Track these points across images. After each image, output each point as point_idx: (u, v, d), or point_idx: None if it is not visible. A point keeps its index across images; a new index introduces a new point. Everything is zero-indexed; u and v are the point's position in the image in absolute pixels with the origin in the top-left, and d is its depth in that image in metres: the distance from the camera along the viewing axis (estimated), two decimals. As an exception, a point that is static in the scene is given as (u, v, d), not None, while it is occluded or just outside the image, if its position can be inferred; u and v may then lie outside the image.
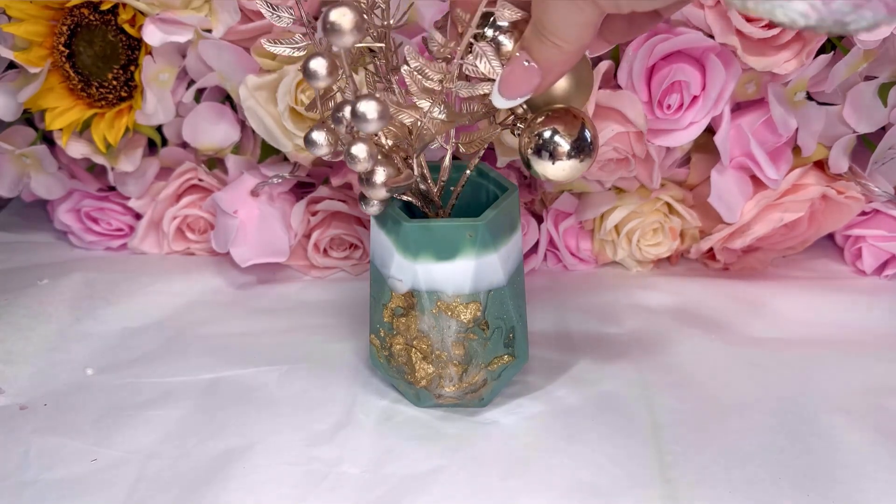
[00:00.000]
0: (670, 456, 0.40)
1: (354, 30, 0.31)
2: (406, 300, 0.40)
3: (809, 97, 0.50)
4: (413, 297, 0.40)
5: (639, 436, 0.41)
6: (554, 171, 0.37)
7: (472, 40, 0.35)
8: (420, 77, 0.36)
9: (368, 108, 0.33)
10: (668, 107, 0.48)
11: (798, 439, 0.41)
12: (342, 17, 0.31)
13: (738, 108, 0.51)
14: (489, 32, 0.35)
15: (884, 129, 0.51)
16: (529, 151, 0.37)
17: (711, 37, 0.47)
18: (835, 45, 0.49)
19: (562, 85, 0.38)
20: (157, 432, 0.42)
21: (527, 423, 0.42)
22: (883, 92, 0.50)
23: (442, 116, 0.36)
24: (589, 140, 0.37)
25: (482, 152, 0.40)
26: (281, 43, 0.36)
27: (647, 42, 0.47)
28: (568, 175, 0.37)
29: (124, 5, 0.49)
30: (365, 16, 0.36)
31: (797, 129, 0.50)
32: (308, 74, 0.33)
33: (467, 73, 0.36)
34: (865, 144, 0.53)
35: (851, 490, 0.38)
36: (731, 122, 0.50)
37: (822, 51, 0.48)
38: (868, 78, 0.50)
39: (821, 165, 0.53)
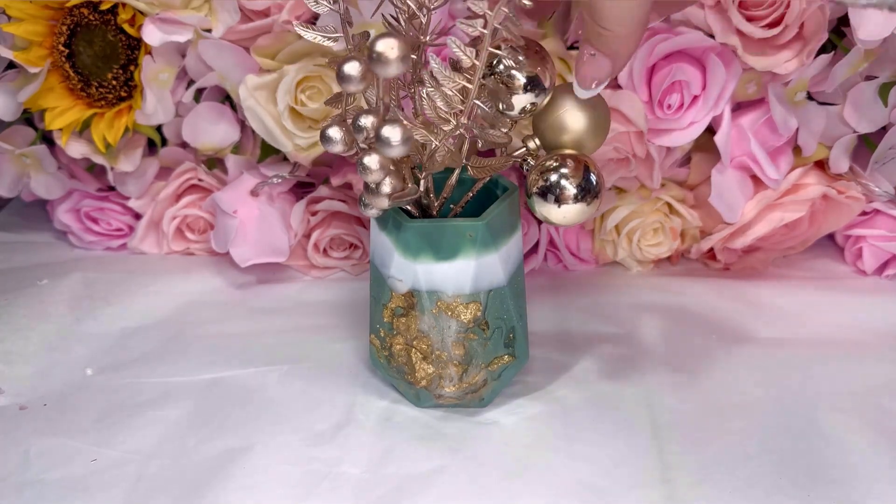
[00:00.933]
0: (671, 456, 0.40)
1: (400, 61, 0.31)
2: (406, 300, 0.40)
3: (810, 97, 0.50)
4: (413, 297, 0.40)
5: (639, 436, 0.41)
6: (558, 214, 0.38)
7: (483, 82, 0.35)
8: (434, 104, 0.36)
9: (393, 133, 0.33)
10: (669, 106, 0.48)
11: (799, 439, 0.41)
12: (390, 49, 0.31)
13: (739, 107, 0.51)
14: (502, 67, 0.36)
15: (884, 129, 0.51)
16: (535, 191, 0.38)
17: (712, 36, 0.47)
18: (835, 44, 0.49)
19: (579, 125, 0.38)
20: (157, 432, 0.42)
21: (527, 423, 0.42)
22: (883, 92, 0.50)
23: (453, 149, 0.37)
24: (595, 183, 0.37)
25: (488, 178, 0.40)
26: (313, 29, 0.36)
27: (648, 42, 0.47)
28: (572, 218, 0.38)
29: (124, 5, 0.49)
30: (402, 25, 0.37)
31: (798, 129, 0.50)
32: (341, 77, 0.33)
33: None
34: (866, 144, 0.53)
35: (852, 490, 0.38)
36: (732, 121, 0.50)
37: (822, 50, 0.48)
38: (869, 78, 0.50)
39: (821, 165, 0.53)
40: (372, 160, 0.35)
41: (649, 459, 0.40)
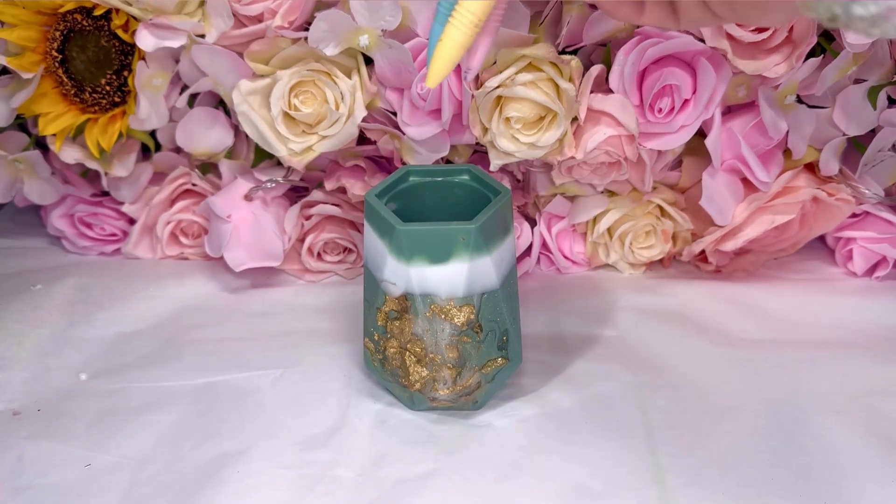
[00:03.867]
0: (664, 458, 0.40)
1: None
2: (400, 304, 0.40)
3: (800, 100, 0.51)
4: (407, 300, 0.40)
5: (632, 438, 0.41)
6: None
7: None
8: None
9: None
10: (660, 110, 0.48)
11: (790, 440, 0.41)
12: None
13: (729, 111, 0.51)
14: None
15: (873, 132, 0.52)
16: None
17: (702, 40, 0.47)
18: (824, 48, 0.49)
19: None
20: (151, 437, 0.42)
21: (521, 425, 0.43)
22: (872, 95, 0.50)
23: None
24: None
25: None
26: None
27: (639, 46, 0.47)
28: None
29: (117, 10, 0.49)
30: None
31: (788, 132, 0.50)
32: None
33: None
34: (855, 147, 0.53)
35: (843, 491, 0.38)
36: (722, 125, 0.50)
37: (811, 54, 0.48)
38: (857, 81, 0.50)
39: (811, 168, 0.53)
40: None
41: (642, 461, 0.40)
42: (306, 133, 0.50)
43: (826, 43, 0.49)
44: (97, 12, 0.49)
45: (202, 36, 0.49)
